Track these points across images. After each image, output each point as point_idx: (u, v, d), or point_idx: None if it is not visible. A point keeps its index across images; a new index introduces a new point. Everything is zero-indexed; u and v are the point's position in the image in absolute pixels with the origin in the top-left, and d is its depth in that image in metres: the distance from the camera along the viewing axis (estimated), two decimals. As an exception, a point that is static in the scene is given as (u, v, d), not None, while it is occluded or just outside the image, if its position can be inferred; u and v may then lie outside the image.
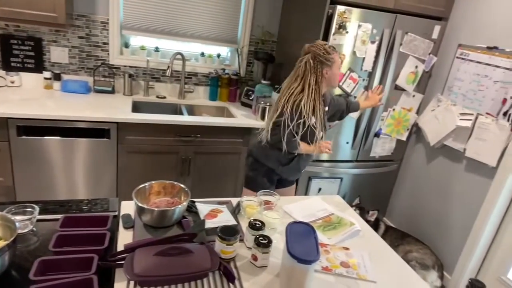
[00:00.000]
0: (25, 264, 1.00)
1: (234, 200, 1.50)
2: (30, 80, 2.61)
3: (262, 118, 2.66)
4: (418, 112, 2.78)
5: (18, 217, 1.12)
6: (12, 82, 2.54)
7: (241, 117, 2.68)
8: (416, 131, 2.85)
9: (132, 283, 0.96)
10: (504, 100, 2.17)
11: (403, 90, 2.64)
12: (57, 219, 1.15)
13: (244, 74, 3.13)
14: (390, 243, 2.52)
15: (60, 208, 1.32)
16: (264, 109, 2.63)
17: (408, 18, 2.44)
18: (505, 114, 2.17)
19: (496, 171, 2.21)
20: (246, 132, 2.62)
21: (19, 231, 1.09)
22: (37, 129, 2.17)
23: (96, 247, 1.03)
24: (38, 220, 1.18)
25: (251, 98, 2.92)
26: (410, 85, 2.64)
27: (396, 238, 2.62)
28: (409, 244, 2.55)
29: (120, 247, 1.10)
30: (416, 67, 2.60)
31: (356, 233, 1.41)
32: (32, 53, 2.57)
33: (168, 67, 2.72)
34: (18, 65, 2.57)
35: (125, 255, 1.02)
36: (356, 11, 2.29)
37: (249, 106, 2.93)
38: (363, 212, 2.59)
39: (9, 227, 1.02)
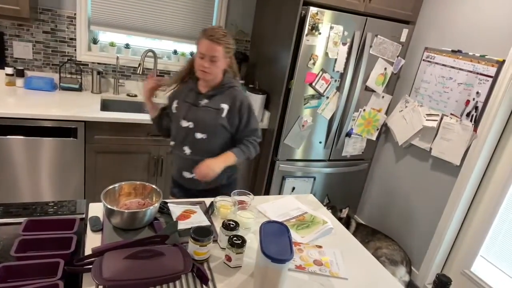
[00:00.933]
0: (-16, 272, 0.94)
1: (208, 201, 1.49)
2: (-10, 76, 2.46)
3: (236, 117, 2.65)
4: (387, 112, 2.86)
5: (-25, 222, 1.05)
6: (-30, 78, 2.39)
7: (214, 117, 2.66)
8: (385, 131, 2.94)
9: (100, 288, 0.93)
10: (467, 102, 2.28)
11: (373, 91, 2.72)
12: (19, 223, 1.09)
13: (218, 73, 3.10)
14: (361, 239, 2.58)
15: (23, 211, 1.25)
16: (238, 109, 2.62)
17: (378, 21, 2.51)
18: (468, 115, 2.27)
19: (460, 169, 2.31)
20: (219, 131, 2.59)
21: (-23, 236, 1.02)
22: (-2, 128, 2.05)
23: (62, 252, 0.98)
24: (0, 224, 1.12)
25: (224, 97, 2.90)
26: (379, 87, 2.72)
27: (367, 234, 2.69)
28: (379, 240, 2.63)
29: (88, 251, 1.06)
30: (385, 69, 2.68)
31: (328, 231, 1.43)
32: (-8, 48, 2.42)
33: (139, 64, 2.65)
34: (-23, 60, 2.41)
35: (93, 259, 0.98)
36: (328, 13, 2.33)
37: (223, 105, 2.91)
38: (335, 211, 2.64)
39: (-34, 232, 0.95)
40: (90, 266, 0.95)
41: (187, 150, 1.64)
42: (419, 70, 2.63)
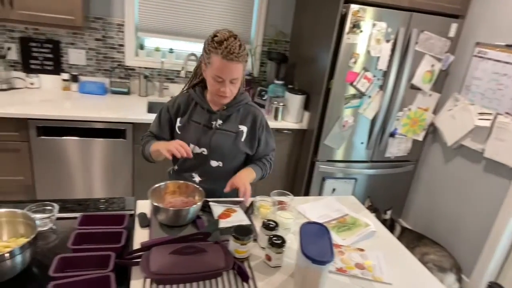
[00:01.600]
0: (45, 261, 1.03)
1: (248, 200, 1.51)
2: (49, 82, 2.68)
3: (275, 118, 2.66)
4: (435, 111, 2.73)
5: (38, 215, 1.15)
6: (32, 84, 2.61)
7: (254, 117, 2.68)
8: (432, 131, 2.80)
9: (148, 280, 0.98)
10: (525, 99, 2.12)
11: (419, 89, 2.60)
12: (75, 218, 1.18)
13: (257, 74, 3.14)
14: (406, 245, 2.45)
15: (78, 206, 1.35)
16: (277, 109, 2.63)
17: (424, 16, 2.40)
18: (525, 113, 2.11)
19: (516, 172, 2.15)
20: (259, 132, 2.62)
21: (39, 229, 1.12)
22: (56, 129, 2.22)
23: (113, 245, 1.05)
24: (58, 219, 1.21)
25: (264, 98, 2.93)
26: (426, 84, 2.59)
27: (412, 239, 2.58)
28: (426, 246, 2.51)
29: (136, 245, 1.12)
30: (433, 65, 2.55)
31: (371, 234, 1.39)
32: (50, 55, 2.63)
33: (182, 68, 2.74)
34: (38, 67, 2.63)
35: (141, 253, 1.03)
36: (370, 10, 2.26)
37: (262, 106, 2.93)
38: (378, 213, 2.55)
39: (30, 225, 1.05)
40: (139, 260, 1.00)
41: (196, 178, 1.48)
42: (470, 66, 2.48)
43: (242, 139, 1.45)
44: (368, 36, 2.32)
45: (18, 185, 2.29)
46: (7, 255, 0.90)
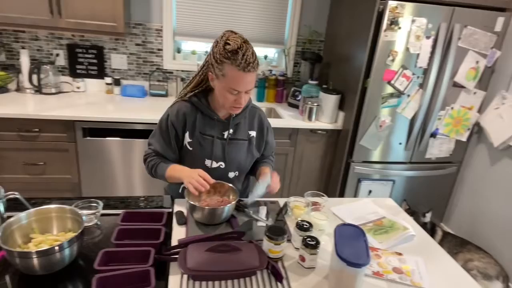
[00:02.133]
0: (90, 255, 1.09)
1: (281, 200, 1.51)
2: (94, 86, 2.84)
3: (309, 118, 2.64)
4: (480, 110, 2.58)
5: (84, 211, 1.22)
6: (78, 88, 2.78)
7: (288, 118, 2.68)
8: (477, 131, 2.65)
9: (185, 276, 1.01)
10: None
11: (462, 87, 2.47)
12: (118, 214, 1.24)
13: (291, 74, 3.13)
14: (448, 250, 2.37)
15: (120, 204, 1.42)
16: (311, 110, 2.61)
17: (467, 10, 2.28)
18: None
19: None
20: (293, 132, 2.61)
21: (85, 224, 1.19)
22: (100, 130, 2.35)
23: (152, 241, 1.09)
24: (102, 215, 1.28)
25: (298, 98, 2.91)
26: (470, 82, 2.46)
27: (455, 245, 2.46)
28: (470, 252, 2.38)
29: (174, 242, 1.16)
30: (477, 62, 2.41)
31: (410, 238, 1.35)
32: (95, 61, 2.79)
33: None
34: (83, 72, 2.80)
35: (178, 249, 1.07)
36: (409, 6, 2.19)
37: (296, 106, 2.92)
38: (417, 216, 2.46)
39: (77, 220, 1.12)
40: (177, 256, 1.04)
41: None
42: (520, 61, 2.32)
43: (254, 144, 1.43)
44: (407, 33, 2.25)
45: (66, 183, 2.44)
46: (56, 248, 0.96)
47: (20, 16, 2.27)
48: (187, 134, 1.34)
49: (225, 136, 1.34)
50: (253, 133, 1.41)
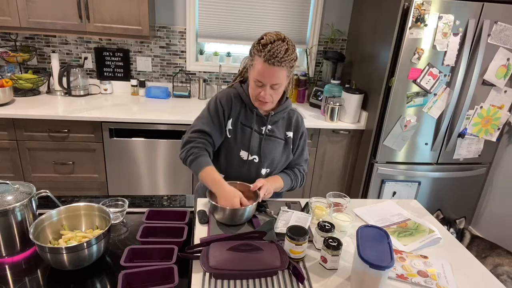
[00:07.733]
0: (116, 251, 1.13)
1: (303, 201, 1.51)
2: (120, 88, 2.92)
3: (331, 118, 2.61)
4: (511, 109, 2.47)
5: (111, 209, 1.26)
6: (105, 90, 2.87)
7: (309, 118, 2.67)
8: (508, 130, 2.54)
9: (207, 274, 1.03)
10: None
11: (492, 85, 2.38)
12: (143, 212, 1.27)
13: (313, 74, 3.11)
14: (476, 254, 2.28)
15: (144, 202, 1.46)
16: (333, 110, 2.58)
17: (497, 5, 2.19)
18: None
19: None
20: (315, 133, 2.59)
21: (112, 222, 1.23)
22: (126, 131, 2.42)
23: (176, 239, 1.12)
24: (127, 213, 1.32)
25: (319, 98, 2.89)
26: (501, 80, 2.36)
27: (484, 249, 2.36)
28: (499, 256, 2.28)
29: (196, 240, 1.18)
30: (508, 59, 2.32)
31: (436, 241, 1.31)
32: (121, 63, 2.87)
33: (239, 70, 2.81)
34: (110, 74, 2.89)
35: (201, 248, 1.09)
36: (436, 2, 2.13)
37: (318, 107, 2.90)
38: (453, 225, 2.36)
39: (105, 218, 1.16)
40: (199, 254, 1.05)
41: None
42: (556, 58, 2.21)
43: (290, 145, 1.42)
44: (433, 30, 2.18)
45: (93, 181, 2.53)
46: (85, 244, 1.00)
47: (51, 21, 2.37)
48: (230, 121, 1.35)
49: (263, 131, 1.36)
50: (290, 134, 1.42)
